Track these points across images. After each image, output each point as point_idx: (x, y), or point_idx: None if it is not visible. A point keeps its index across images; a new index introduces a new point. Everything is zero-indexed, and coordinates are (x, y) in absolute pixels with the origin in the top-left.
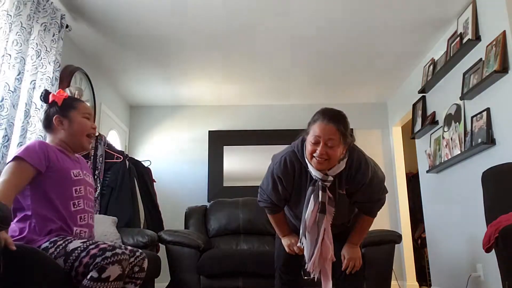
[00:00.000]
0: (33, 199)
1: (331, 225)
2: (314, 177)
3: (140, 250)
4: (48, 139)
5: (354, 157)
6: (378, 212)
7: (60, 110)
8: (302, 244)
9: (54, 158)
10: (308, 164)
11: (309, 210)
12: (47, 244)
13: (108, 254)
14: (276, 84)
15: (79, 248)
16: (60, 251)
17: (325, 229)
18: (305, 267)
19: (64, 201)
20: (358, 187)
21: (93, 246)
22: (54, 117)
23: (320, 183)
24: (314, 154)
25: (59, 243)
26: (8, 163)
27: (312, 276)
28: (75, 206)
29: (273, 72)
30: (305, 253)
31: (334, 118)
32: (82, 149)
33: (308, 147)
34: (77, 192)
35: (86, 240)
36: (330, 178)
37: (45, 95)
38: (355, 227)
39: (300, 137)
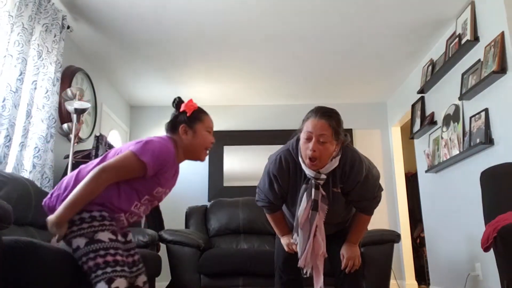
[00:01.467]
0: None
1: (329, 224)
2: (308, 176)
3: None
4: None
5: (347, 155)
6: (377, 212)
7: (188, 120)
8: (296, 240)
9: (164, 172)
10: (302, 163)
11: (302, 207)
12: (97, 214)
13: (118, 268)
14: (275, 84)
15: (103, 243)
16: (91, 232)
17: (317, 225)
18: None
19: (131, 198)
20: (353, 185)
21: (112, 251)
22: (181, 125)
23: (313, 181)
24: (308, 153)
25: (106, 221)
26: (132, 150)
27: (307, 274)
28: (135, 207)
29: (272, 72)
30: (298, 248)
31: (326, 114)
32: (197, 160)
33: (301, 144)
34: (144, 200)
35: (114, 238)
36: (323, 176)
37: (178, 103)
38: (353, 226)
39: (295, 135)
